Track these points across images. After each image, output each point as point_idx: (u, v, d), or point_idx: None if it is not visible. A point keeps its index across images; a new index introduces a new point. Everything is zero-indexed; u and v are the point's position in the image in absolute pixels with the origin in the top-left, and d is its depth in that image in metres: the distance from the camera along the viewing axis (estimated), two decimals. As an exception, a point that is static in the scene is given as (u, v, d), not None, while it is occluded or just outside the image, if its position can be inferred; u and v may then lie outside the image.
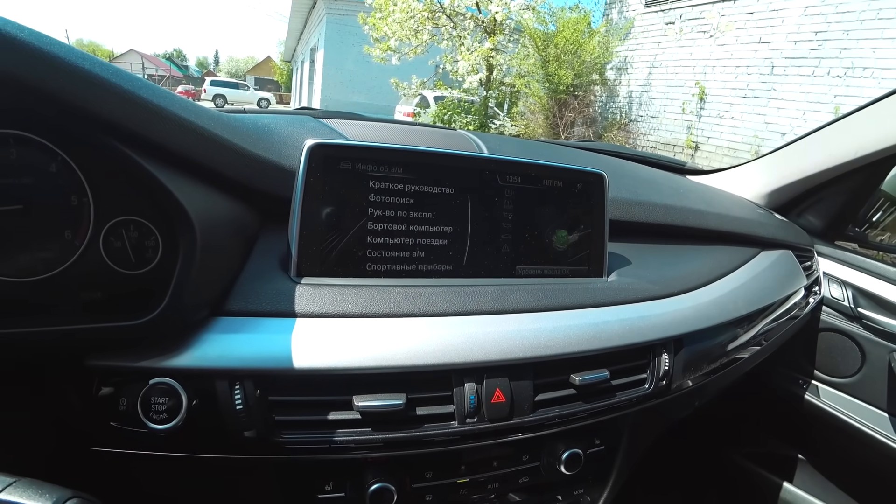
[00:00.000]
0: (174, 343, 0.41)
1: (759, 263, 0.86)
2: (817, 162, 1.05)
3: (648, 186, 0.88)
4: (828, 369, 1.06)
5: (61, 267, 0.42)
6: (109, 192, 0.42)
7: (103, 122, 0.36)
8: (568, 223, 0.55)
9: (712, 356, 0.69)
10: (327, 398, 0.43)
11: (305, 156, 0.44)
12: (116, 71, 0.38)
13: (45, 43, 0.32)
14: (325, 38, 14.18)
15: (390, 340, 0.44)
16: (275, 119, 0.65)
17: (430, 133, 0.82)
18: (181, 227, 0.39)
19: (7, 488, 0.25)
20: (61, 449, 0.45)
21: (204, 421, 0.42)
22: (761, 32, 5.36)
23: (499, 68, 7.13)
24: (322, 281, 0.46)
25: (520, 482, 0.53)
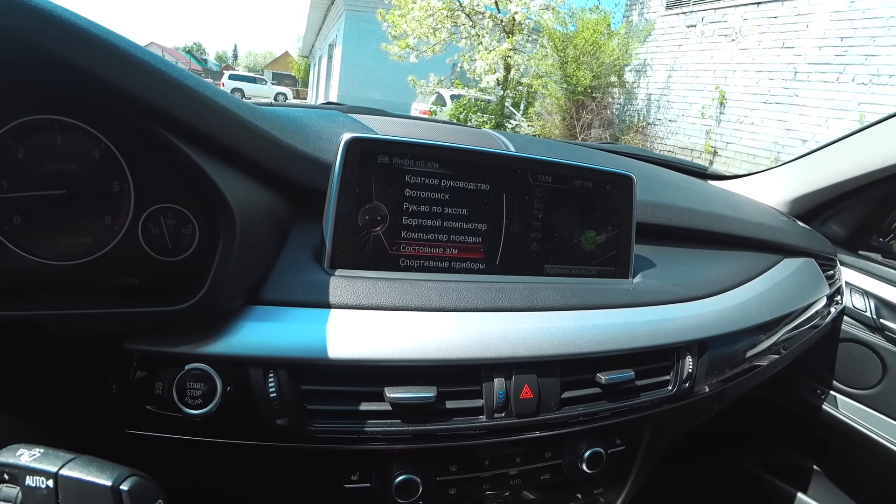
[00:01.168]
0: (210, 330, 0.42)
1: (782, 270, 0.85)
2: (843, 170, 1.03)
3: (673, 190, 0.88)
4: (847, 380, 1.05)
5: (101, 252, 0.43)
6: (149, 179, 0.43)
7: (152, 109, 0.37)
8: (596, 224, 0.56)
9: (734, 361, 0.68)
10: (359, 389, 0.44)
11: (343, 149, 0.45)
12: (164, 60, 0.39)
13: (101, 30, 0.33)
14: (343, 34, 14.22)
15: (422, 334, 0.44)
16: (306, 113, 0.66)
17: (458, 131, 0.82)
18: (222, 216, 0.40)
19: (68, 464, 0.26)
20: (96, 431, 0.46)
21: (238, 407, 0.42)
22: (785, 37, 5.27)
23: (516, 68, 7.11)
24: (355, 273, 0.46)
25: (541, 479, 0.54)
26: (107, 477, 0.26)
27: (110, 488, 0.26)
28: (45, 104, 0.39)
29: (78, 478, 0.26)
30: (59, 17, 0.31)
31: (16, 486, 0.26)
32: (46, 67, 0.33)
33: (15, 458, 0.27)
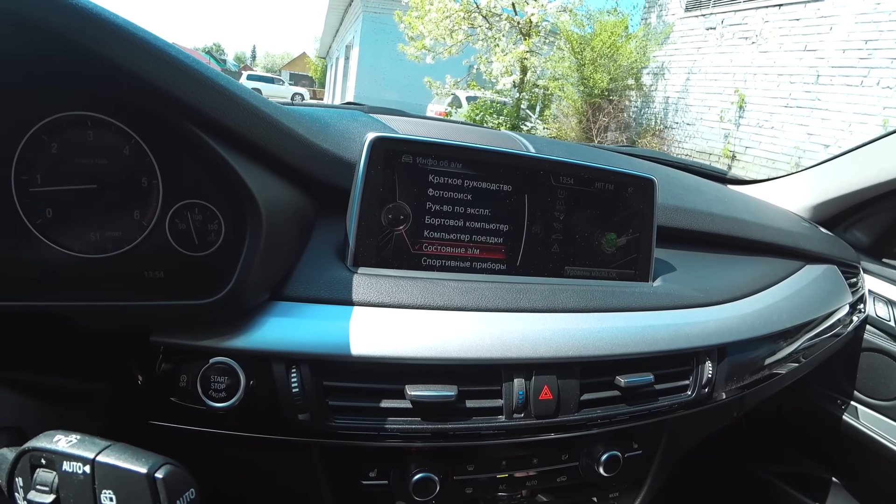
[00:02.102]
0: (235, 324, 0.43)
1: (804, 277, 0.84)
2: (867, 176, 1.02)
3: (693, 194, 0.87)
4: (869, 390, 1.03)
5: (129, 246, 0.44)
6: (177, 175, 0.44)
7: (184, 107, 0.38)
8: (617, 226, 0.55)
9: (754, 368, 0.67)
10: (380, 386, 0.45)
11: (367, 149, 0.46)
12: (195, 59, 0.39)
13: (136, 29, 0.34)
14: (360, 36, 14.31)
15: (444, 333, 0.45)
16: (329, 113, 0.67)
17: (478, 132, 0.83)
18: (249, 212, 0.40)
19: (104, 451, 0.27)
20: (121, 421, 0.47)
21: (260, 402, 0.43)
22: (807, 40, 5.18)
23: (533, 70, 7.08)
24: (378, 272, 0.47)
25: (557, 481, 0.54)
26: (142, 464, 0.27)
27: (145, 475, 0.26)
28: (79, 100, 0.40)
29: (114, 464, 0.27)
30: (96, 14, 0.32)
31: (53, 472, 0.27)
32: (82, 64, 0.34)
33: (52, 444, 0.28)
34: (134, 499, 0.26)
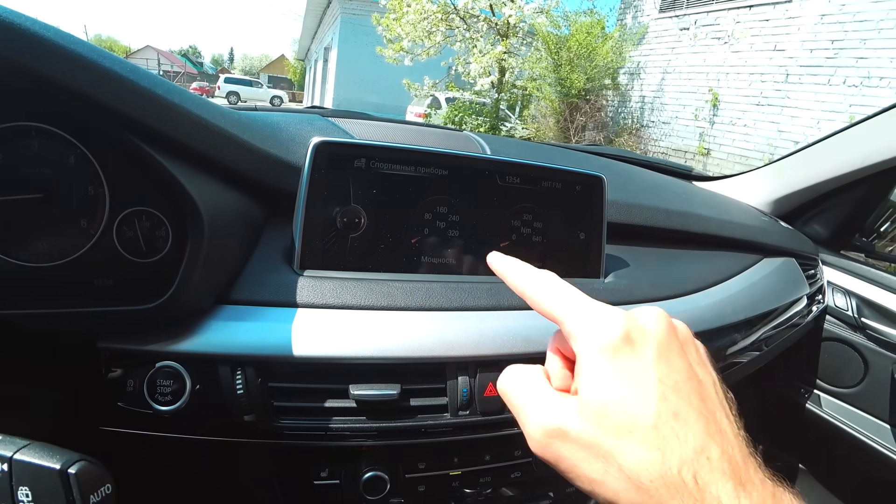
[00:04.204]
0: (180, 329, 0.43)
1: (761, 270, 0.86)
2: (824, 171, 1.05)
3: (651, 191, 0.89)
4: (830, 379, 1.06)
5: (76, 254, 0.44)
6: (123, 183, 0.44)
7: (120, 118, 0.38)
8: (566, 224, 0.56)
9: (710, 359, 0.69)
10: (324, 386, 0.45)
11: (311, 153, 0.46)
12: (133, 68, 0.39)
13: (68, 41, 0.34)
14: (339, 38, 14.26)
15: (387, 332, 0.45)
16: (285, 117, 0.67)
17: (436, 134, 0.83)
18: (190, 219, 0.41)
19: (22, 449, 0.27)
20: (72, 428, 0.47)
21: (206, 404, 0.43)
22: (776, 40, 5.31)
23: (511, 71, 7.13)
24: (324, 274, 0.47)
25: (512, 477, 0.54)
26: (56, 461, 0.27)
27: (58, 471, 0.27)
28: (23, 111, 0.40)
29: (30, 462, 0.27)
30: (18, 26, 0.32)
31: (-28, 471, 0.27)
32: (11, 76, 0.34)
33: (-29, 445, 0.28)
34: (48, 495, 0.27)
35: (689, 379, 0.29)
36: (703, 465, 0.26)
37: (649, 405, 0.28)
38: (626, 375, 0.28)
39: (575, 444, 0.28)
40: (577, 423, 0.28)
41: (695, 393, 0.29)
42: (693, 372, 0.30)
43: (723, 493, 0.25)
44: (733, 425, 0.29)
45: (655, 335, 0.30)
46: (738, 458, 0.27)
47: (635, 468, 0.26)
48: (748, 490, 0.26)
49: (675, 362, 0.29)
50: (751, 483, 0.26)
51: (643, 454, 0.27)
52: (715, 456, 0.27)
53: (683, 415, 0.28)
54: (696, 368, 0.30)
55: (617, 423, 0.28)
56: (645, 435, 0.27)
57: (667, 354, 0.29)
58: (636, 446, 0.27)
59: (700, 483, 0.26)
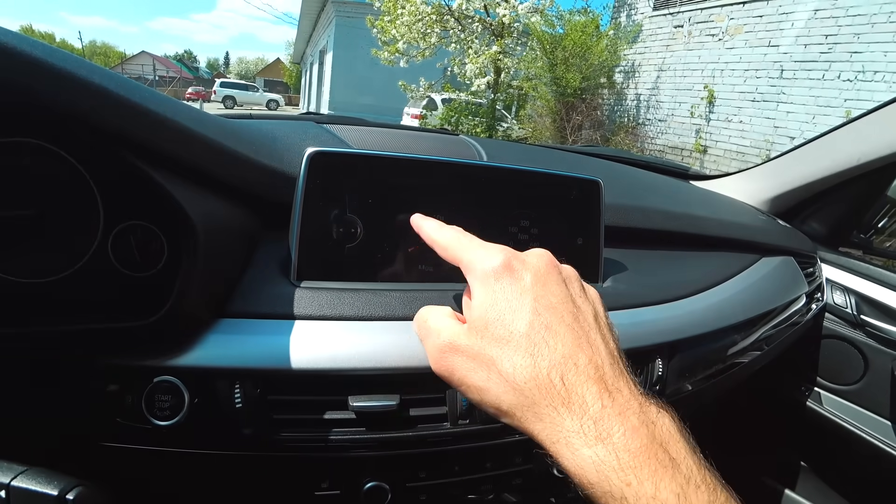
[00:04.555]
0: (178, 343, 0.43)
1: (759, 270, 0.86)
2: (821, 168, 1.05)
3: (648, 192, 0.89)
4: (830, 376, 1.06)
5: (71, 269, 0.44)
6: (118, 197, 0.44)
7: (111, 133, 0.37)
8: (564, 229, 0.56)
9: (709, 361, 0.69)
10: (323, 398, 0.45)
11: (306, 163, 0.46)
12: (123, 81, 0.39)
13: (54, 56, 0.34)
14: (334, 41, 14.27)
15: (385, 342, 0.45)
16: (278, 125, 0.66)
17: (432, 138, 0.83)
18: (185, 233, 0.40)
19: (20, 475, 0.27)
20: (73, 445, 0.47)
21: (205, 418, 0.43)
22: (770, 36, 5.33)
23: (506, 71, 7.14)
24: (321, 284, 0.47)
25: (513, 484, 0.54)
26: (54, 487, 0.27)
27: (56, 497, 0.27)
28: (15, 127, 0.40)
29: (28, 488, 0.27)
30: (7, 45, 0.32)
31: (-32, 499, 0.27)
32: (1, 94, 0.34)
33: (-32, 473, 0.27)
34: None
35: (564, 302, 0.33)
36: (570, 369, 0.30)
37: (523, 319, 0.31)
38: (505, 296, 0.33)
39: (464, 356, 0.32)
40: (464, 338, 0.33)
41: (569, 313, 0.33)
42: (570, 298, 0.34)
43: (587, 394, 0.29)
44: (609, 346, 0.33)
45: (534, 266, 0.34)
46: (607, 369, 0.31)
47: (511, 372, 0.30)
48: (613, 395, 0.29)
49: (553, 287, 0.34)
50: (617, 391, 0.29)
51: (517, 359, 0.30)
52: (582, 363, 0.30)
53: (554, 328, 0.31)
54: (577, 299, 0.35)
55: (496, 335, 0.31)
56: (519, 343, 0.31)
57: (544, 280, 0.34)
58: (512, 353, 0.31)
59: (567, 384, 0.29)
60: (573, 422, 0.28)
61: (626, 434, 0.27)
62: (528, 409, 0.29)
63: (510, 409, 0.30)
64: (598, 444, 0.27)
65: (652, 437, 0.28)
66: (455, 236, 0.39)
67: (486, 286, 0.34)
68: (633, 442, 0.27)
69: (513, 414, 0.30)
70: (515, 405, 0.30)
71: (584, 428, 0.28)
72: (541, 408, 0.29)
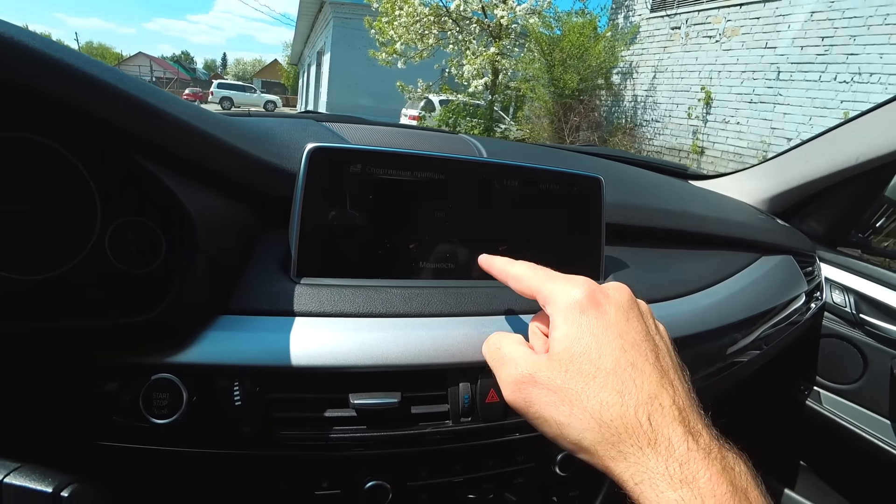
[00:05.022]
0: (176, 340, 0.42)
1: (759, 268, 0.86)
2: (819, 167, 1.05)
3: (648, 191, 0.89)
4: (830, 375, 1.06)
5: (68, 265, 0.43)
6: (116, 193, 0.43)
7: (109, 127, 0.37)
8: (565, 227, 0.56)
9: (709, 360, 0.69)
10: (323, 396, 0.44)
11: (306, 159, 0.45)
12: (123, 76, 0.39)
13: (52, 48, 0.33)
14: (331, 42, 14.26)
15: (386, 339, 0.44)
16: (278, 122, 0.66)
17: (432, 137, 0.83)
18: (183, 229, 0.40)
19: (12, 472, 0.26)
20: (70, 443, 0.46)
21: (203, 416, 0.42)
22: (767, 38, 5.36)
23: (504, 72, 7.15)
24: (321, 281, 0.47)
25: (515, 482, 0.54)
26: (48, 484, 0.27)
27: (51, 494, 0.26)
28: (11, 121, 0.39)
29: (21, 485, 0.26)
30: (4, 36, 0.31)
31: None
32: None
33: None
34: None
35: (646, 339, 0.33)
36: (657, 409, 0.29)
37: (610, 354, 0.31)
38: (590, 330, 0.32)
39: (544, 389, 0.32)
40: (546, 371, 0.32)
41: (651, 351, 0.33)
42: (650, 335, 0.34)
43: (673, 435, 0.28)
44: (684, 385, 0.33)
45: (617, 299, 0.35)
46: (689, 411, 0.30)
47: (598, 408, 0.30)
48: (696, 438, 0.29)
49: (634, 324, 0.34)
50: (698, 433, 0.29)
51: (605, 396, 0.30)
52: (666, 404, 0.30)
53: (640, 366, 0.31)
54: (654, 336, 0.35)
55: (582, 370, 0.31)
56: (606, 380, 0.30)
57: (627, 316, 0.34)
58: (598, 389, 0.30)
59: (654, 424, 0.29)
60: (658, 463, 0.28)
61: (711, 479, 0.27)
62: (613, 447, 0.29)
63: (591, 446, 0.30)
64: (683, 488, 0.27)
65: (734, 484, 0.28)
66: (530, 268, 0.40)
67: (570, 318, 0.33)
68: (719, 488, 0.27)
69: (594, 451, 0.30)
70: (599, 442, 0.29)
71: (670, 470, 0.27)
72: (625, 446, 0.29)
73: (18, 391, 0.43)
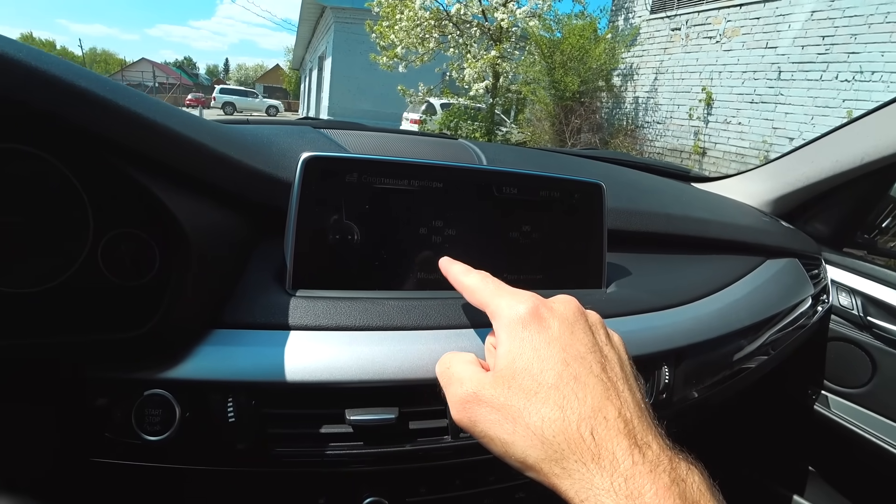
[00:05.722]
0: (169, 354, 0.41)
1: (764, 272, 0.84)
2: (824, 168, 1.03)
3: (650, 195, 0.88)
4: (838, 379, 1.04)
5: (60, 278, 0.42)
6: (108, 204, 0.42)
7: (98, 138, 0.36)
8: (566, 233, 0.55)
9: (716, 367, 0.67)
10: (319, 411, 0.43)
11: (301, 168, 0.44)
12: (113, 87, 0.38)
13: (38, 59, 0.33)
14: (332, 46, 14.31)
15: (383, 353, 0.43)
16: (275, 130, 0.65)
17: (431, 143, 0.82)
18: (175, 241, 0.39)
19: None
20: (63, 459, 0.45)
21: (197, 433, 0.41)
22: (768, 38, 5.34)
23: (505, 75, 7.15)
24: (317, 293, 0.46)
25: (515, 497, 0.53)
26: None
27: None
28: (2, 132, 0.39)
29: None
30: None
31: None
32: None
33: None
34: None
35: (592, 351, 0.32)
36: (600, 422, 0.29)
37: (553, 369, 0.31)
38: (532, 345, 0.32)
39: (488, 407, 0.31)
40: (489, 388, 0.31)
41: (597, 363, 0.32)
42: (598, 348, 0.33)
43: (618, 449, 0.28)
44: (635, 396, 0.32)
45: (562, 313, 0.34)
46: (637, 423, 0.29)
47: (539, 424, 0.29)
48: (643, 451, 0.28)
49: (580, 336, 0.33)
50: (647, 446, 0.28)
51: (546, 412, 0.29)
52: (611, 416, 0.29)
53: (583, 379, 0.30)
54: (603, 347, 0.34)
55: (524, 386, 0.30)
56: (548, 395, 0.30)
57: (571, 329, 0.33)
58: (540, 405, 0.29)
59: (597, 438, 0.28)
60: (603, 479, 0.27)
61: (657, 493, 0.26)
62: (556, 464, 0.28)
63: (536, 464, 0.29)
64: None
65: (683, 497, 0.27)
66: (481, 280, 0.39)
67: (512, 334, 0.33)
68: (666, 502, 0.26)
69: (540, 469, 0.29)
70: (542, 459, 0.29)
71: (615, 486, 0.27)
72: (569, 463, 0.28)
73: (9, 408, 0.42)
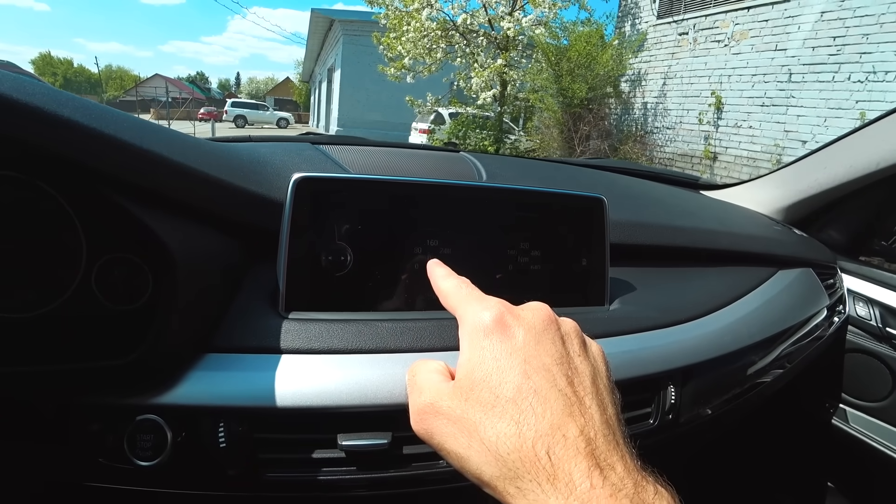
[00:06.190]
0: (160, 380, 0.41)
1: (776, 284, 0.82)
2: (838, 174, 1.01)
3: (656, 206, 0.86)
4: (856, 392, 1.01)
5: (54, 304, 0.42)
6: (101, 230, 0.42)
7: (84, 168, 0.36)
8: (567, 250, 0.53)
9: (726, 385, 0.65)
10: (311, 436, 0.42)
11: (291, 190, 0.44)
12: (101, 114, 0.37)
13: (20, 90, 0.32)
14: (341, 59, 14.48)
15: (376, 377, 0.42)
16: (272, 148, 0.65)
17: (432, 157, 0.81)
18: (163, 266, 0.39)
19: None
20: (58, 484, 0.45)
21: (188, 458, 0.41)
22: (777, 40, 5.29)
23: (512, 84, 7.17)
24: (310, 315, 0.45)
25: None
26: None
27: None
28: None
29: None
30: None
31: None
32: None
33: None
34: None
35: (559, 363, 0.30)
36: (558, 441, 0.26)
37: (512, 381, 0.29)
38: (493, 355, 0.30)
39: (444, 419, 0.29)
40: (447, 400, 0.30)
41: (563, 376, 0.30)
42: (568, 359, 0.31)
43: (575, 471, 0.25)
44: (605, 413, 0.29)
45: (529, 321, 0.32)
46: (601, 442, 0.27)
47: (494, 440, 0.27)
48: (605, 473, 0.26)
49: (547, 346, 0.31)
50: (610, 468, 0.26)
51: (501, 427, 0.27)
52: (571, 435, 0.27)
53: (544, 393, 0.28)
54: (574, 358, 0.32)
55: (481, 399, 0.29)
56: (505, 409, 0.28)
57: (538, 338, 0.31)
58: (497, 419, 0.28)
59: (553, 459, 0.26)
60: (558, 501, 0.25)
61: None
62: (511, 483, 0.26)
63: (491, 481, 0.27)
64: None
65: None
66: (455, 286, 0.37)
67: (473, 343, 0.31)
68: None
69: (494, 486, 0.27)
70: (497, 477, 0.27)
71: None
72: (524, 482, 0.26)
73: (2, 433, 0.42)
